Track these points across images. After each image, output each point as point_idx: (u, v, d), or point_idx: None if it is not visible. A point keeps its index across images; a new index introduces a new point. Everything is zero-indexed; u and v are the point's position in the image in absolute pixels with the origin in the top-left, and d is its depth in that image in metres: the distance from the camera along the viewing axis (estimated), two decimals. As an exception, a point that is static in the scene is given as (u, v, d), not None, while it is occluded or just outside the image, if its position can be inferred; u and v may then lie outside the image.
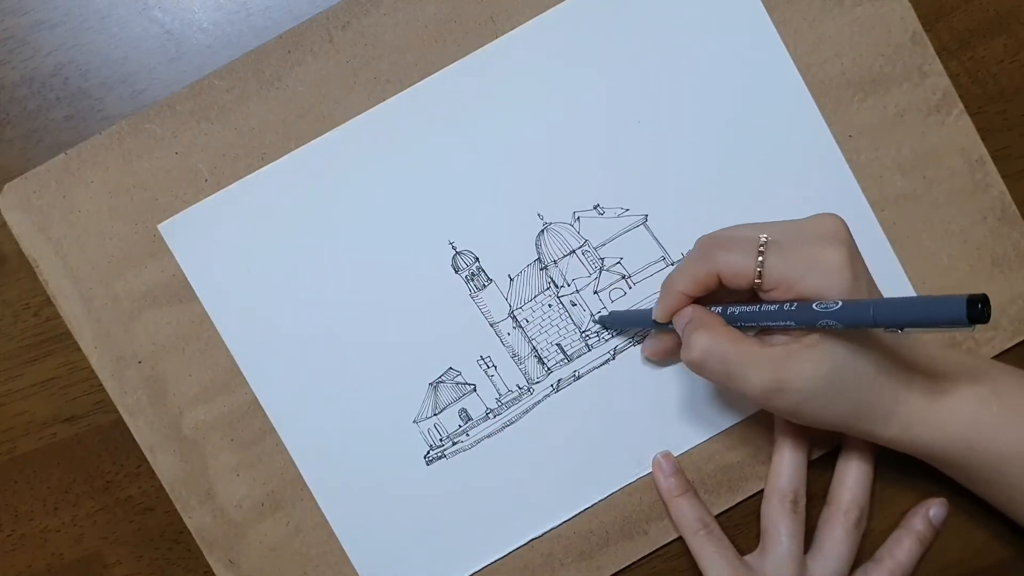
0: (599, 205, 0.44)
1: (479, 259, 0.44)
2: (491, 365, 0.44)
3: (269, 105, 0.43)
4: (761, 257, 0.36)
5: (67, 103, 0.44)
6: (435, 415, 0.44)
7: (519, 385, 0.44)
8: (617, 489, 0.44)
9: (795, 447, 0.43)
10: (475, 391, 0.44)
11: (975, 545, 0.45)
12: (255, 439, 0.44)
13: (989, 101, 0.45)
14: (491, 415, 0.44)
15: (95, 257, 0.43)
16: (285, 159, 0.43)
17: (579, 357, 0.44)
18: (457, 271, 0.44)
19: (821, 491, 0.44)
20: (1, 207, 0.43)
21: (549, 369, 0.44)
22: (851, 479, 0.43)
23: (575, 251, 0.44)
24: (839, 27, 0.44)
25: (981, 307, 0.29)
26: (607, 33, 0.44)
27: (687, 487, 0.44)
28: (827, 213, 0.37)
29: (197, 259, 0.43)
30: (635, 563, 0.45)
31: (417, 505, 0.44)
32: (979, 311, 0.29)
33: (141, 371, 0.43)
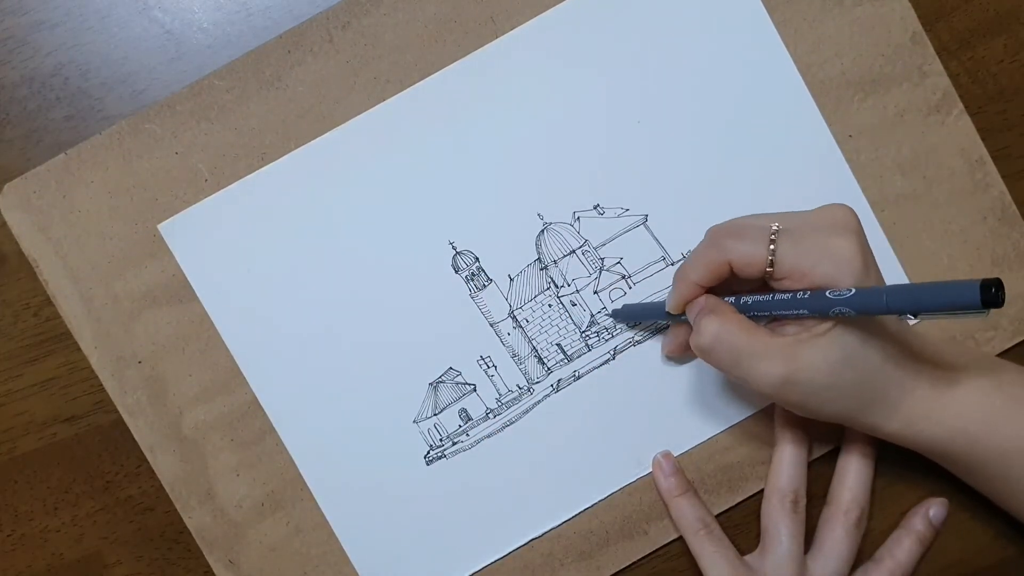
0: (599, 205, 0.44)
1: (479, 259, 0.44)
2: (491, 365, 0.44)
3: (269, 105, 0.43)
4: (773, 246, 0.36)
5: (67, 103, 0.44)
6: (435, 415, 0.44)
7: (519, 385, 0.44)
8: (617, 489, 0.44)
9: (795, 447, 0.43)
10: (475, 391, 0.44)
11: (975, 545, 0.45)
12: (255, 439, 0.44)
13: (989, 101, 0.45)
14: (491, 415, 0.44)
15: (95, 257, 0.43)
16: (285, 159, 0.43)
17: (579, 357, 0.44)
18: (457, 271, 0.44)
19: (821, 491, 0.44)
20: (1, 207, 0.43)
21: (549, 369, 0.44)
22: (851, 479, 0.43)
23: (575, 251, 0.44)
24: (839, 27, 0.44)
25: (995, 291, 0.28)
26: (607, 33, 0.44)
27: (687, 487, 0.44)
28: (838, 203, 0.37)
29: (197, 259, 0.43)
30: (635, 563, 0.45)
31: (417, 505, 0.44)
32: (993, 295, 0.28)
33: (141, 371, 0.43)
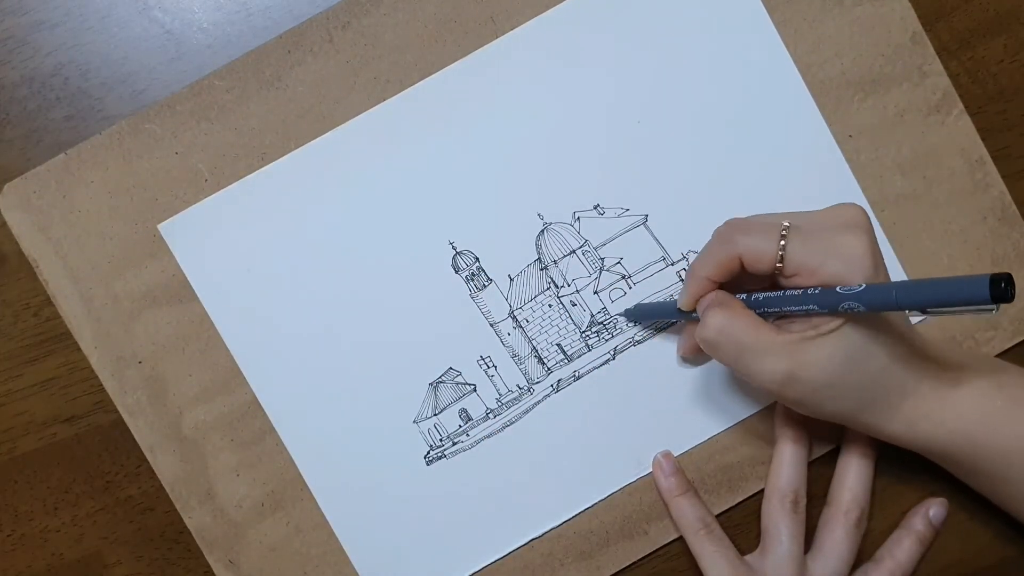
0: (599, 205, 0.44)
1: (479, 259, 0.44)
2: (491, 365, 0.44)
3: (269, 105, 0.43)
4: (783, 242, 0.36)
5: (67, 103, 0.44)
6: (435, 415, 0.44)
7: (519, 385, 0.44)
8: (617, 489, 0.44)
9: (795, 447, 0.43)
10: (475, 391, 0.44)
11: (975, 545, 0.45)
12: (255, 439, 0.44)
13: (989, 101, 0.45)
14: (491, 415, 0.44)
15: (95, 257, 0.43)
16: (285, 159, 0.43)
17: (579, 357, 0.44)
18: (457, 271, 0.44)
19: (821, 491, 0.44)
20: (1, 207, 0.43)
21: (549, 369, 0.44)
22: (851, 479, 0.43)
23: (575, 251, 0.44)
24: (839, 27, 0.44)
25: (1004, 286, 0.28)
26: (607, 33, 0.44)
27: (687, 487, 0.44)
28: (849, 203, 0.37)
29: (197, 259, 0.43)
30: (635, 563, 0.45)
31: (417, 505, 0.44)
32: (1002, 290, 0.28)
33: (141, 371, 0.43)
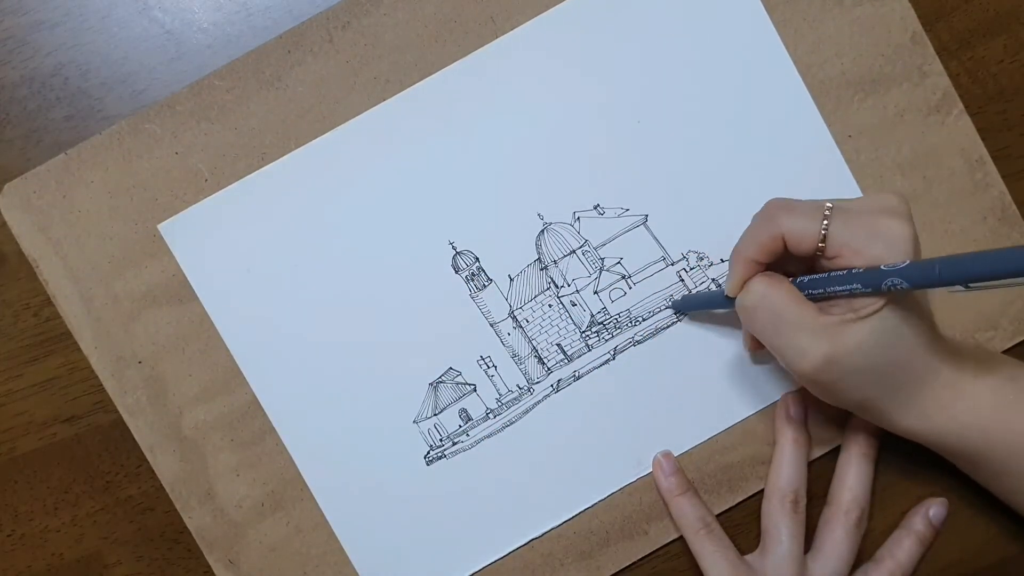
0: (599, 205, 0.44)
1: (479, 259, 0.44)
2: (491, 365, 0.44)
3: (269, 105, 0.43)
4: (826, 222, 0.36)
5: (67, 103, 0.44)
6: (435, 415, 0.44)
7: (519, 385, 0.44)
8: (617, 489, 0.44)
9: (795, 447, 0.43)
10: (475, 391, 0.44)
11: (975, 545, 0.45)
12: (255, 439, 0.44)
13: (989, 101, 0.45)
14: (491, 415, 0.44)
15: (95, 257, 0.43)
16: (285, 159, 0.43)
17: (579, 357, 0.44)
18: (457, 271, 0.44)
19: (821, 491, 0.44)
20: (1, 207, 0.43)
21: (549, 369, 0.44)
22: (851, 479, 0.43)
23: (575, 251, 0.44)
24: (839, 27, 0.44)
25: None
26: (607, 33, 0.44)
27: (688, 486, 0.43)
28: (893, 192, 0.37)
29: (197, 259, 0.43)
30: (635, 563, 0.45)
31: (417, 505, 0.44)
32: None
33: (141, 371, 0.43)
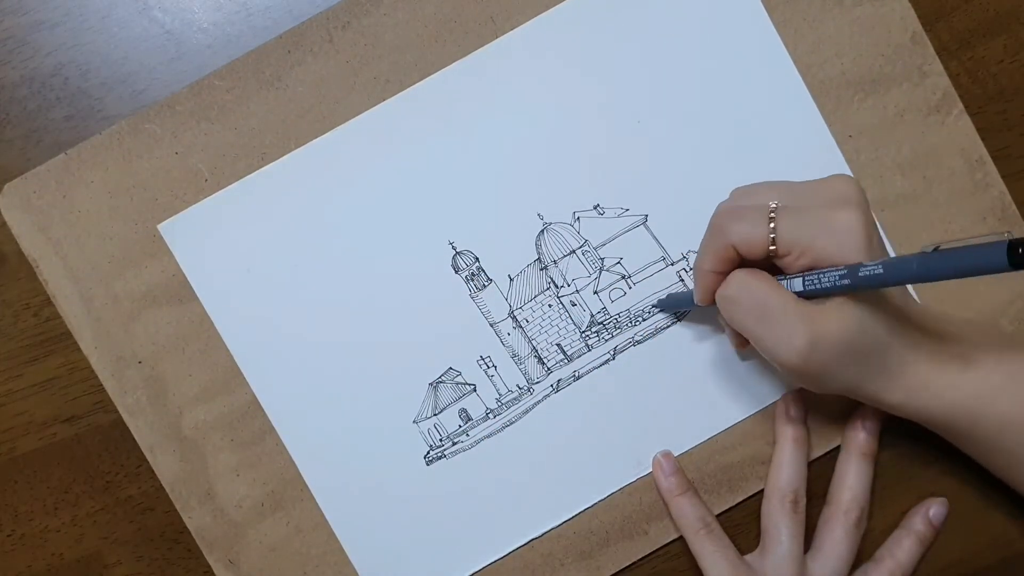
0: (599, 205, 0.44)
1: (479, 259, 0.44)
2: (491, 365, 0.44)
3: (269, 105, 0.43)
4: (773, 223, 0.36)
5: (67, 103, 0.44)
6: (435, 415, 0.44)
7: (519, 385, 0.44)
8: (617, 489, 0.44)
9: (795, 447, 0.43)
10: (475, 391, 0.44)
11: (975, 545, 0.45)
12: (255, 439, 0.44)
13: (989, 101, 0.45)
14: (491, 415, 0.44)
15: (95, 257, 0.43)
16: (285, 159, 0.43)
17: (579, 357, 0.44)
18: (457, 271, 0.44)
19: (821, 491, 0.44)
20: (1, 207, 0.43)
21: (549, 369, 0.44)
22: (851, 479, 0.43)
23: (575, 251, 0.44)
24: (839, 27, 0.44)
25: (1023, 251, 0.28)
26: (607, 33, 0.44)
27: (688, 486, 0.43)
28: (840, 175, 0.37)
29: (197, 259, 0.43)
30: (635, 563, 0.45)
31: (417, 505, 0.44)
32: (1021, 256, 0.28)
33: (141, 371, 0.43)
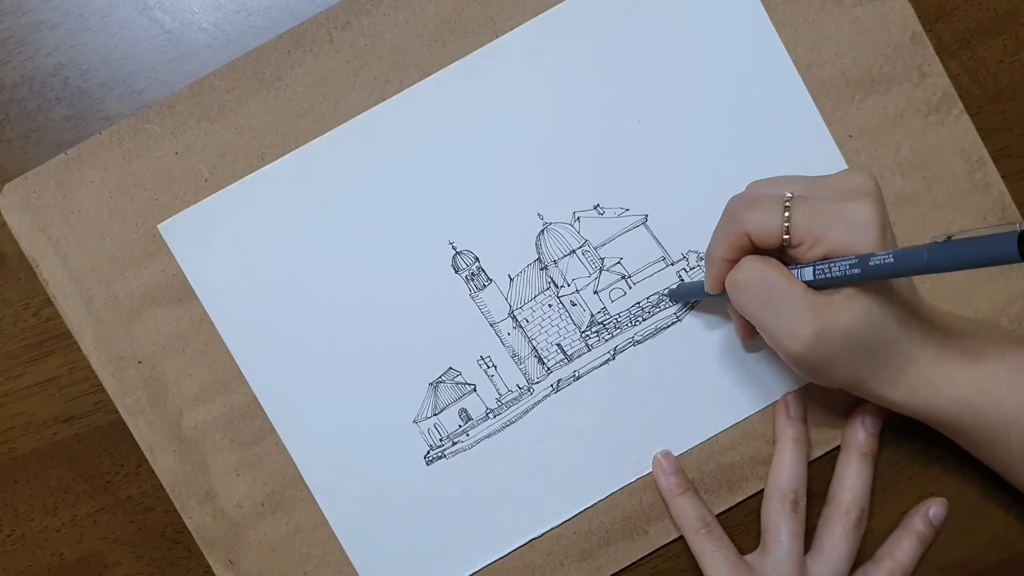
0: (599, 205, 0.44)
1: (479, 259, 0.44)
2: (491, 365, 0.44)
3: (269, 105, 0.43)
4: (787, 213, 0.36)
5: (67, 103, 0.44)
6: (435, 415, 0.44)
7: (519, 385, 0.44)
8: (617, 489, 0.44)
9: (795, 447, 0.43)
10: (475, 391, 0.44)
11: (975, 545, 0.45)
12: (255, 439, 0.44)
13: (989, 101, 0.45)
14: (491, 415, 0.44)
15: (95, 257, 0.43)
16: (285, 159, 0.43)
17: (579, 357, 0.44)
18: (457, 271, 0.44)
19: (821, 491, 0.44)
20: (1, 207, 0.43)
21: (549, 369, 0.44)
22: (851, 479, 0.43)
23: (575, 251, 0.44)
24: (839, 27, 0.44)
25: None
26: (607, 33, 0.44)
27: (688, 486, 0.44)
28: (856, 169, 0.37)
29: (197, 259, 0.43)
30: (635, 563, 0.45)
31: (417, 505, 0.44)
32: None
33: (141, 371, 0.43)
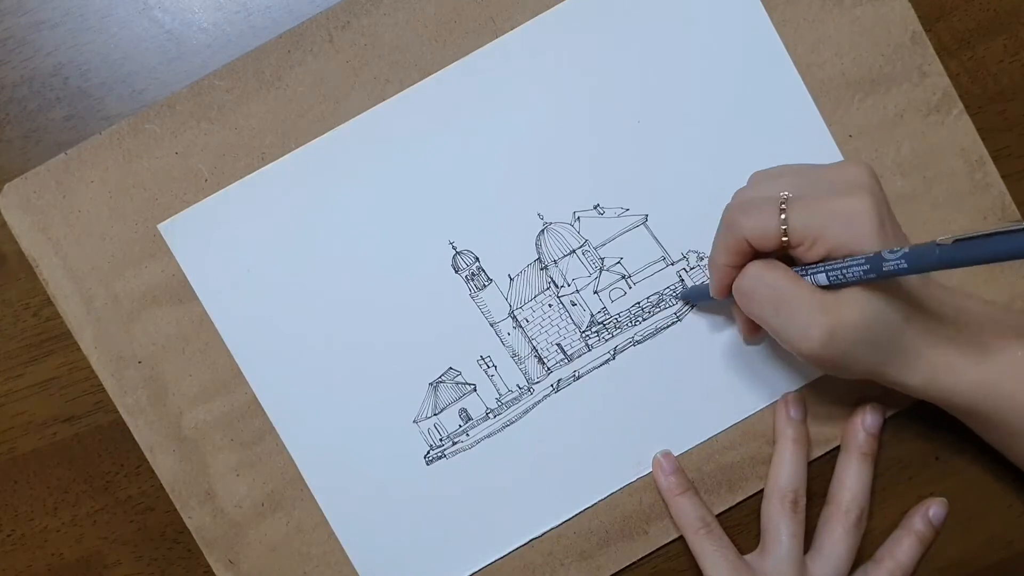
0: (599, 205, 0.44)
1: (479, 259, 0.44)
2: (491, 365, 0.44)
3: (269, 105, 0.43)
4: (784, 215, 0.35)
5: (67, 103, 0.44)
6: (435, 415, 0.44)
7: (519, 385, 0.44)
8: (617, 489, 0.44)
9: (795, 447, 0.43)
10: (475, 391, 0.44)
11: (975, 545, 0.45)
12: (255, 439, 0.44)
13: (989, 101, 0.45)
14: (491, 415, 0.44)
15: (95, 257, 0.43)
16: (285, 159, 0.43)
17: (579, 357, 0.44)
18: (457, 271, 0.44)
19: (821, 491, 0.44)
20: (1, 207, 0.43)
21: (549, 369, 0.44)
22: (850, 479, 0.43)
23: (575, 251, 0.44)
24: (839, 27, 0.44)
25: None
26: (607, 33, 0.44)
27: (688, 486, 0.44)
28: (852, 161, 0.37)
29: (197, 259, 0.43)
30: (635, 563, 0.45)
31: (417, 505, 0.44)
32: None
33: (141, 371, 0.43)
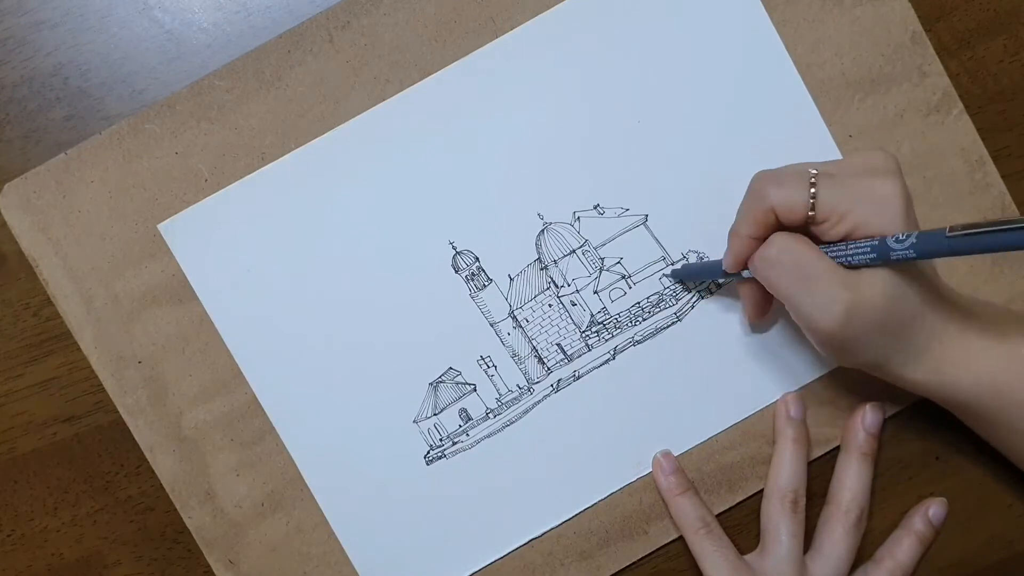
0: (599, 205, 0.44)
1: (479, 259, 0.44)
2: (491, 365, 0.44)
3: (269, 105, 0.43)
4: (813, 189, 0.36)
5: (67, 103, 0.44)
6: (435, 415, 0.44)
7: (519, 385, 0.44)
8: (617, 489, 0.44)
9: (795, 447, 0.43)
10: (475, 391, 0.44)
11: (975, 545, 0.45)
12: (255, 439, 0.44)
13: (989, 101, 0.45)
14: (491, 415, 0.44)
15: (95, 257, 0.43)
16: (285, 159, 0.43)
17: (579, 357, 0.44)
18: (457, 271, 0.44)
19: (821, 491, 0.44)
20: (1, 207, 0.43)
21: (549, 369, 0.44)
22: (850, 479, 0.43)
23: (575, 251, 0.44)
24: (839, 27, 0.44)
25: None
26: (607, 33, 0.44)
27: (688, 486, 0.44)
28: (878, 149, 0.37)
29: (197, 259, 0.43)
30: (635, 563, 0.45)
31: (417, 505, 0.44)
32: None
33: (141, 371, 0.43)
